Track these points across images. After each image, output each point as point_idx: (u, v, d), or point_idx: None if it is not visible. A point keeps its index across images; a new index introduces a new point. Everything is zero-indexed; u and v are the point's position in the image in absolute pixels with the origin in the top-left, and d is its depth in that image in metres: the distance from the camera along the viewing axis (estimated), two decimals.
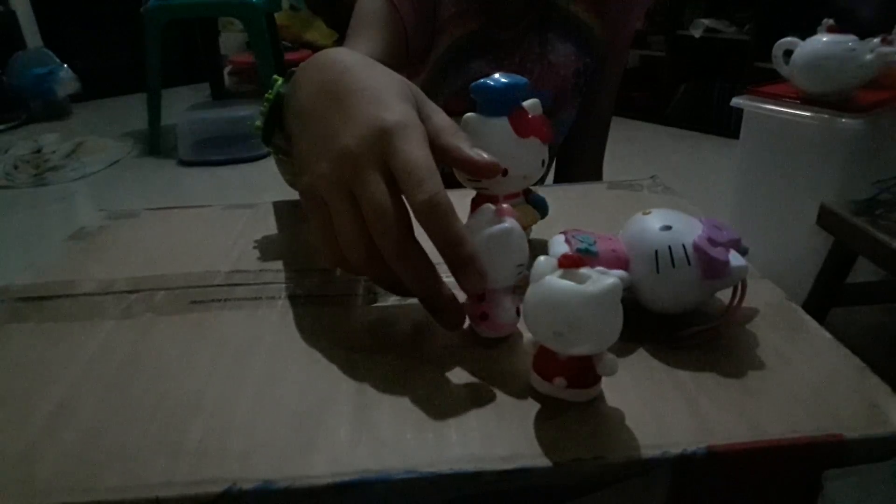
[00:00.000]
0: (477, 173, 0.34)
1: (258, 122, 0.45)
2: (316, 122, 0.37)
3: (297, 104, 0.39)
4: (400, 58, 0.68)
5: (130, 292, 0.41)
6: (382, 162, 0.33)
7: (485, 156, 0.34)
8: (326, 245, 0.34)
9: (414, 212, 0.32)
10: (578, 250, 0.33)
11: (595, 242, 0.35)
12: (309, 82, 0.39)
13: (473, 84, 0.39)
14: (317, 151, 0.35)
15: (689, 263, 0.33)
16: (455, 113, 0.78)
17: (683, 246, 0.33)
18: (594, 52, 0.78)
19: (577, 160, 0.89)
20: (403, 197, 0.32)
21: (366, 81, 0.37)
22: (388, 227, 0.31)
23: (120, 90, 3.91)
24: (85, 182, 2.58)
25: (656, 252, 0.33)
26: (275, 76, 0.45)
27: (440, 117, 0.37)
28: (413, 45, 0.69)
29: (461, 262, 0.31)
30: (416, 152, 0.32)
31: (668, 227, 0.34)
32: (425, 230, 0.31)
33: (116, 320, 0.38)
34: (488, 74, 0.36)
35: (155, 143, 2.90)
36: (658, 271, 0.33)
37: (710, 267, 0.32)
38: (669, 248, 0.33)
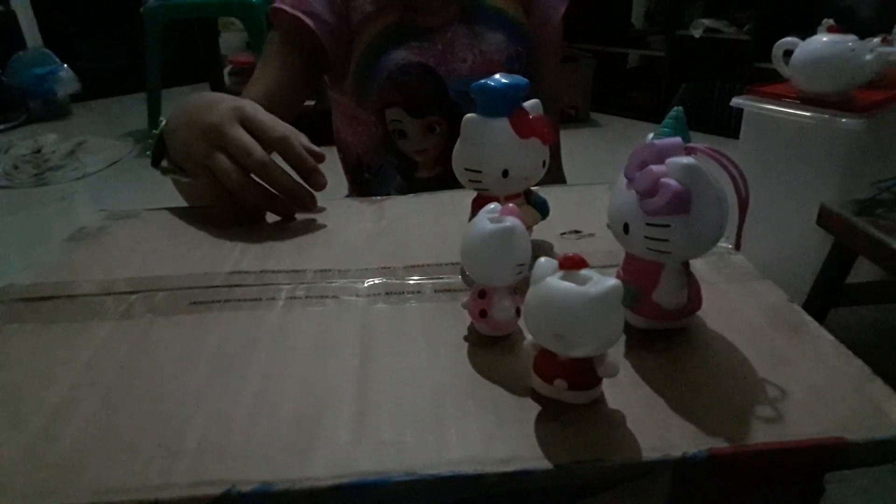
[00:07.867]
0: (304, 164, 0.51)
1: (148, 152, 0.58)
2: (186, 123, 0.52)
3: (174, 127, 0.54)
4: (301, 87, 0.77)
5: (130, 293, 0.41)
6: (240, 124, 0.50)
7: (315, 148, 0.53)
8: (216, 194, 0.50)
9: (271, 143, 0.50)
10: None
11: None
12: (179, 112, 0.54)
13: (473, 84, 0.39)
14: (191, 137, 0.50)
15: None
16: (390, 104, 0.79)
17: None
18: (524, 40, 0.80)
19: None
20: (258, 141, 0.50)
21: (219, 97, 0.53)
22: (257, 154, 0.49)
23: (120, 90, 3.90)
24: (85, 182, 2.57)
25: None
26: (160, 118, 0.58)
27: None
28: (334, 56, 0.75)
29: (304, 164, 0.51)
30: (264, 115, 0.52)
31: None
32: (282, 154, 0.51)
33: (116, 321, 0.38)
34: (412, 61, 0.37)
35: None
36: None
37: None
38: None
